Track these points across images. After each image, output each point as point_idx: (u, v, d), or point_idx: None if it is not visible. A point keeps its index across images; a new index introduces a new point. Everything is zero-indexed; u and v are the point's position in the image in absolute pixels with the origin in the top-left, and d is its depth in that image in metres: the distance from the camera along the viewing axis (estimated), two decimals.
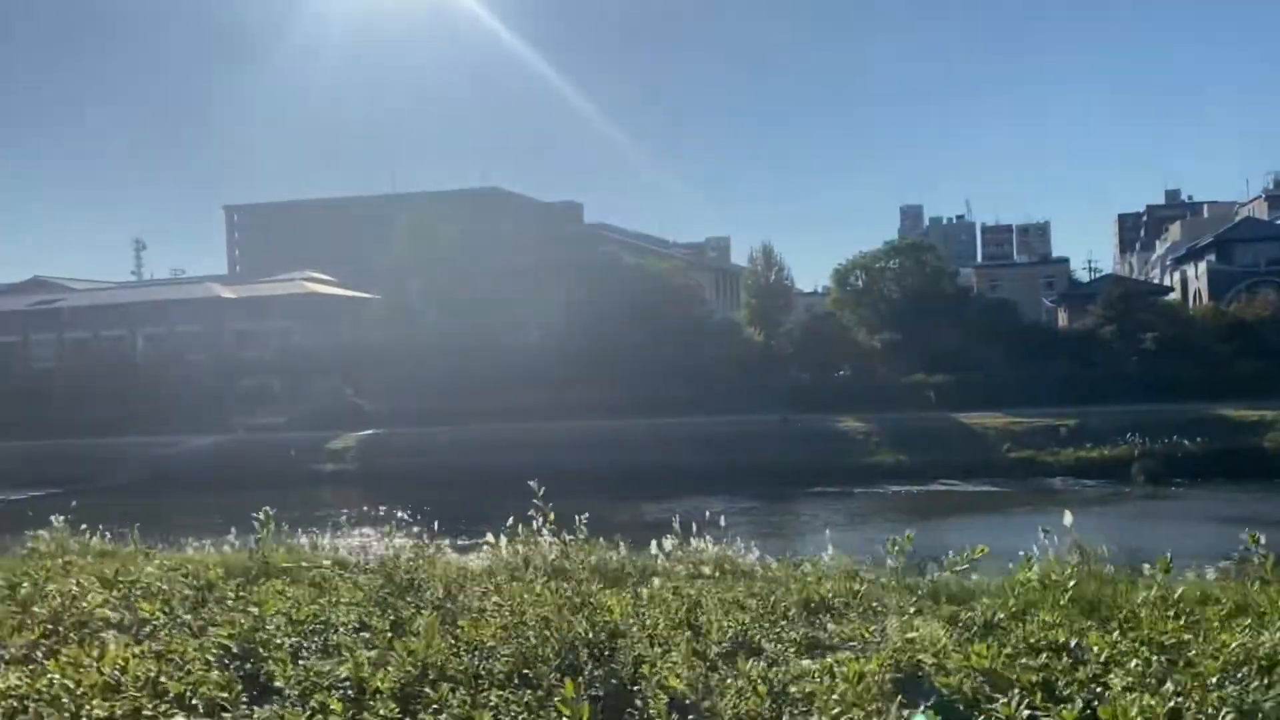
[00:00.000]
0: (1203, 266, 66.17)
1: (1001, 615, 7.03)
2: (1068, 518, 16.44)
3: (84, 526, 22.50)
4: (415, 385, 60.45)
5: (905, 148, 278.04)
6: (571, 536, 18.56)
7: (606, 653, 5.80)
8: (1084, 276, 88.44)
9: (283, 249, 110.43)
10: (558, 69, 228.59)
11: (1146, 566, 14.75)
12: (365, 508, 37.91)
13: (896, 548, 9.96)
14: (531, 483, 9.30)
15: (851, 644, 6.58)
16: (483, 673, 5.57)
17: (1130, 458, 39.58)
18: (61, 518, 21.81)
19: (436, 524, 22.46)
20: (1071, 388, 48.74)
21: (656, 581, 16.11)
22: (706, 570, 16.48)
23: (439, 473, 45.93)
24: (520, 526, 18.79)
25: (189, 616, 7.10)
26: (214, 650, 6.00)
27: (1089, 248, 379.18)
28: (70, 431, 59.75)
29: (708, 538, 18.22)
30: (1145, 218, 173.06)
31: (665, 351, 55.67)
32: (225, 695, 5.20)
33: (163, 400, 62.78)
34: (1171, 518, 31.07)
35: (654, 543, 18.59)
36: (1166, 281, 77.58)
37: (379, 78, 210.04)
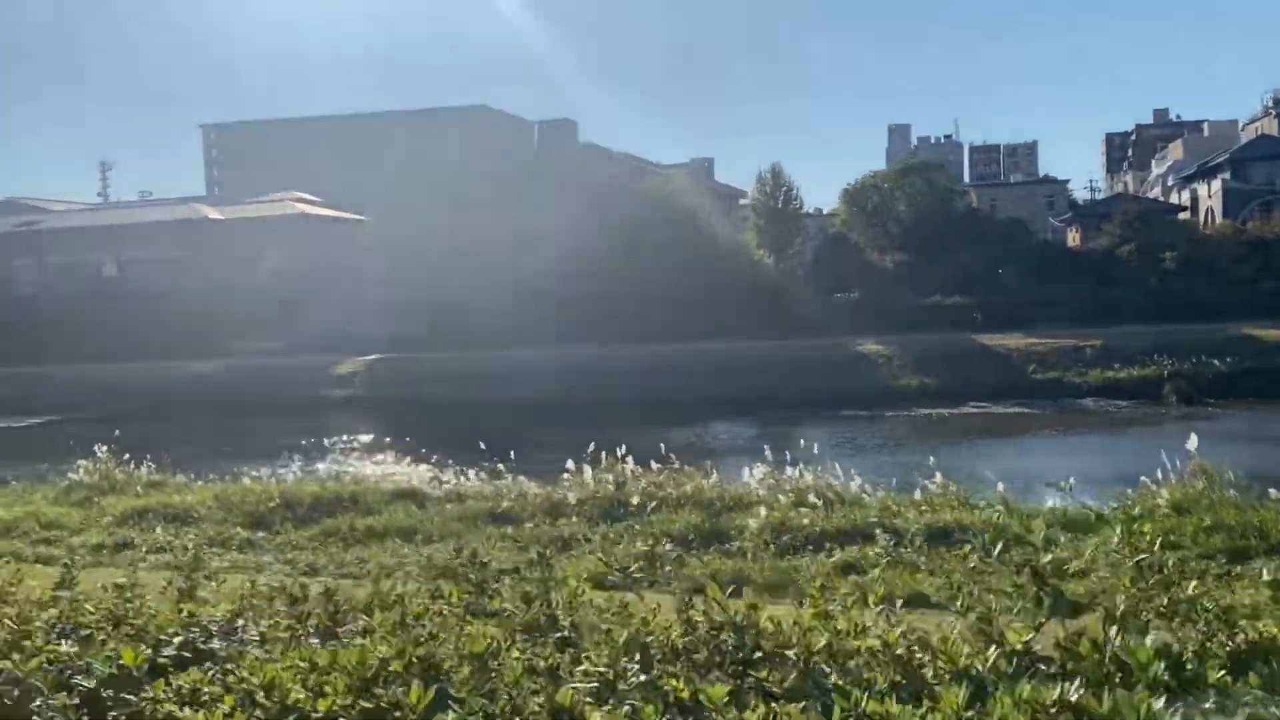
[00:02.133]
0: (1216, 185, 65.21)
1: None
2: (1193, 441, 15.53)
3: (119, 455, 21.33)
4: (412, 309, 59.01)
5: (890, 67, 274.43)
6: (663, 466, 17.60)
7: None
8: (1082, 196, 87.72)
9: (261, 169, 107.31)
10: None
11: (1273, 490, 13.93)
12: (385, 435, 36.91)
13: (1067, 486, 9.24)
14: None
15: None
16: None
17: (1160, 378, 39.01)
18: (104, 447, 20.69)
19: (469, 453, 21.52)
20: (1091, 308, 48.11)
21: (763, 511, 15.22)
22: (812, 499, 15.61)
23: (448, 399, 44.94)
24: (604, 456, 17.84)
25: None
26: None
27: (1075, 167, 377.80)
28: (59, 358, 58.11)
29: (801, 465, 17.34)
30: (1134, 137, 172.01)
31: (673, 275, 54.41)
32: None
33: (153, 325, 61.11)
34: (1221, 438, 30.54)
35: (745, 470, 17.69)
36: (1173, 200, 76.65)
37: None
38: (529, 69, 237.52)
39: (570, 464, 17.94)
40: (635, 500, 15.82)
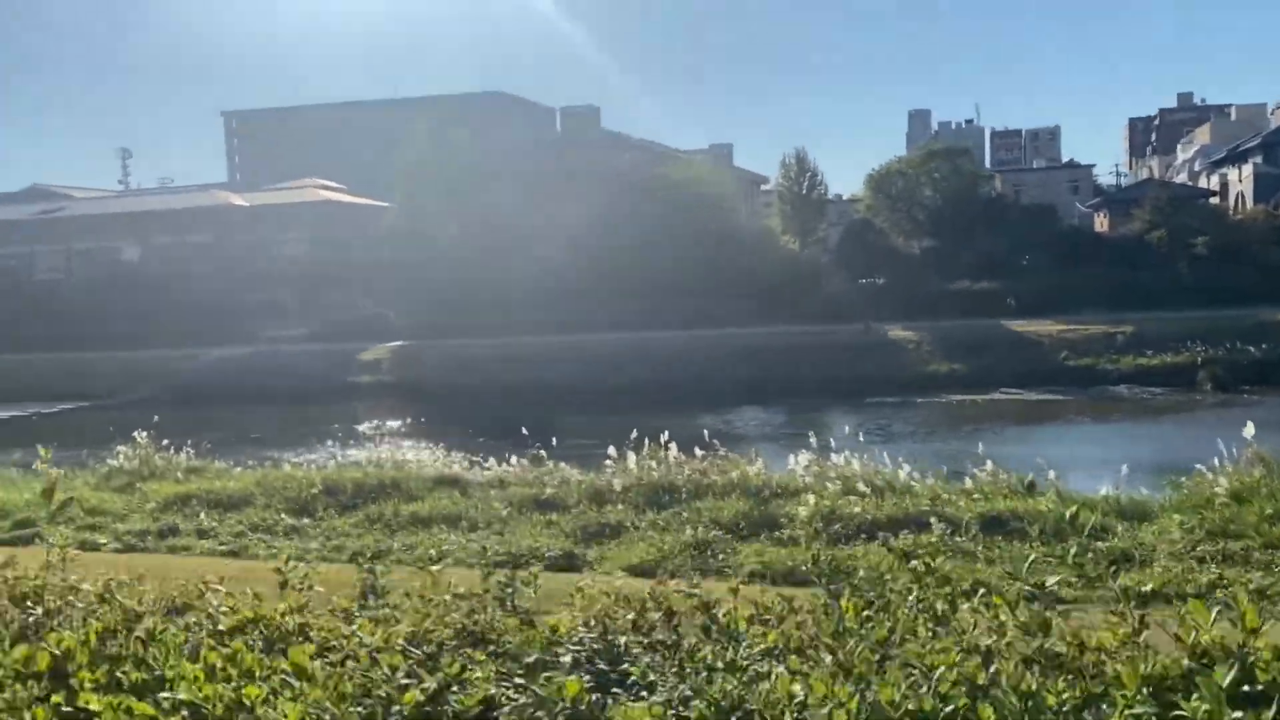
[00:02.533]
0: (1248, 169, 64.34)
1: None
2: (1250, 429, 15.26)
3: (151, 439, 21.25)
4: (435, 296, 58.99)
5: (910, 52, 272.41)
6: (706, 453, 17.41)
7: None
8: (1106, 182, 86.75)
9: (283, 156, 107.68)
10: None
11: None
12: (414, 421, 36.90)
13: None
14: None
15: None
16: None
17: (1194, 365, 38.56)
18: (144, 432, 20.67)
19: (490, 438, 21.37)
20: (1121, 294, 47.61)
21: (811, 499, 15.03)
22: (861, 487, 15.42)
23: (477, 385, 44.86)
24: (647, 442, 17.68)
25: None
26: None
27: (1097, 152, 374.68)
28: (84, 344, 58.44)
29: (847, 452, 17.14)
30: (1158, 121, 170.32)
31: (698, 262, 54.15)
32: None
33: (176, 312, 61.32)
34: (1261, 426, 30.18)
35: (791, 458, 17.50)
36: (1202, 185, 75.74)
37: None
38: (548, 56, 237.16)
39: (611, 450, 17.84)
40: (681, 487, 15.69)
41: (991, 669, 3.53)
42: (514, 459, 18.01)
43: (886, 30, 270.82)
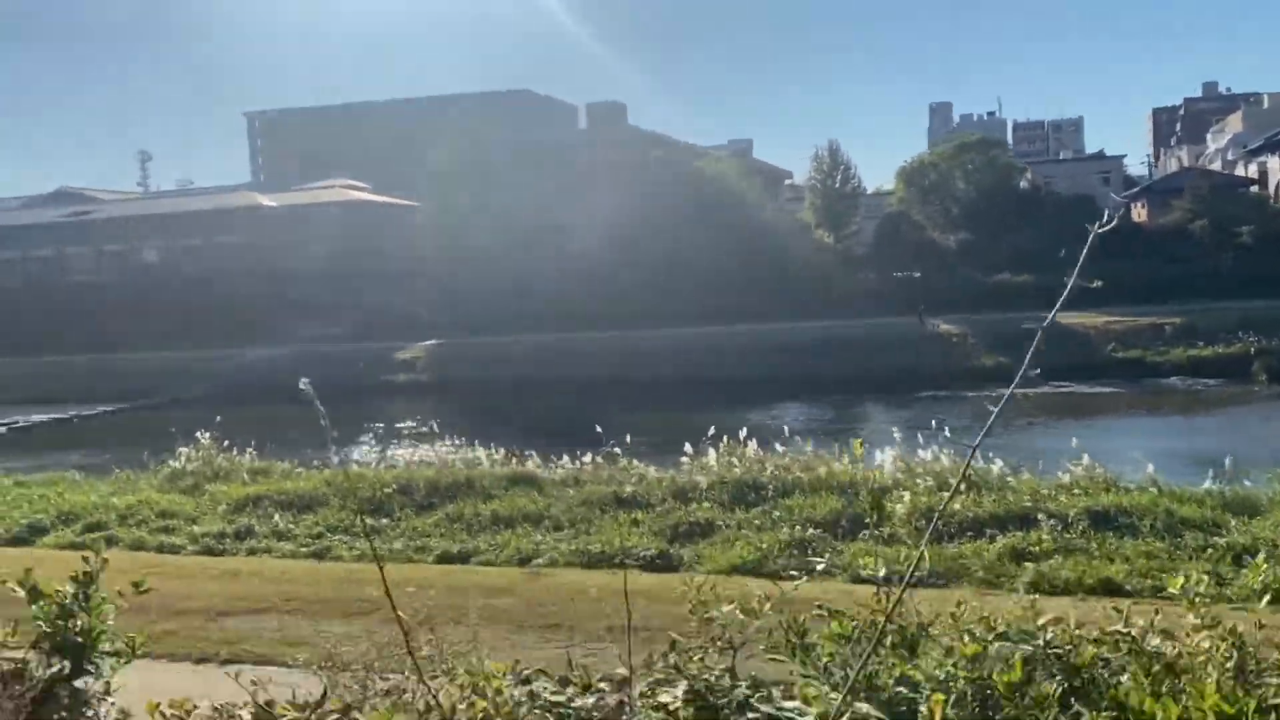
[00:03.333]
0: None
1: None
2: None
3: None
4: (469, 294, 58.81)
5: (929, 45, 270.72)
6: (787, 449, 17.02)
7: None
8: (1136, 173, 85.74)
9: (307, 156, 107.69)
10: None
11: None
12: (454, 419, 36.63)
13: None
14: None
15: None
16: None
17: (1247, 356, 37.92)
18: (207, 433, 20.44)
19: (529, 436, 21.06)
20: (1164, 285, 46.89)
21: (907, 496, 14.63)
22: (953, 483, 15.00)
23: (515, 382, 44.64)
24: (725, 440, 17.31)
25: None
26: None
27: (1120, 143, 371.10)
28: (118, 346, 58.44)
29: (935, 447, 16.72)
30: (1183, 111, 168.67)
31: (731, 257, 53.75)
32: None
33: (209, 312, 61.30)
34: None
35: (877, 454, 17.11)
36: (1238, 174, 74.76)
37: None
38: (559, 52, 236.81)
39: (688, 447, 17.51)
40: (767, 484, 15.36)
41: None
42: (588, 456, 17.72)
43: (906, 23, 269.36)
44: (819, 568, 9.87)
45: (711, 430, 17.08)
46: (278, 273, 66.93)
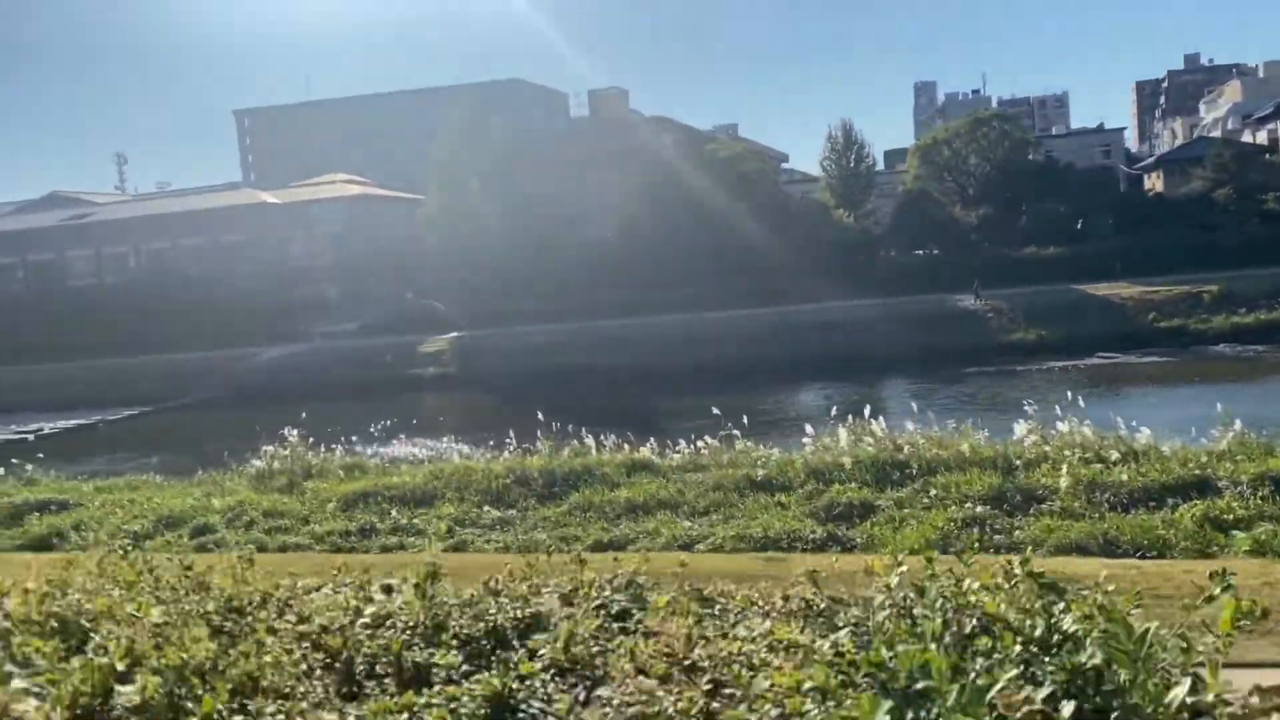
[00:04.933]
0: None
1: None
2: None
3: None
4: (481, 285, 58.10)
5: (908, 24, 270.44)
6: (920, 425, 16.53)
7: None
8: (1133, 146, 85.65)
9: (297, 153, 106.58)
10: None
11: None
12: (503, 408, 36.01)
13: None
14: None
15: None
16: None
17: None
18: (295, 431, 19.78)
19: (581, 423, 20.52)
20: (1195, 255, 46.63)
21: (1064, 470, 14.13)
22: (1114, 455, 14.53)
23: (545, 372, 43.94)
24: (851, 418, 16.79)
25: None
26: None
27: (1103, 116, 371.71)
28: (124, 350, 57.41)
29: (1072, 418, 16.24)
30: (1166, 83, 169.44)
31: (750, 239, 53.20)
32: None
33: (217, 313, 60.32)
34: None
35: (1014, 426, 16.63)
36: (1245, 142, 74.68)
37: None
38: (540, 42, 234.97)
39: (809, 428, 16.97)
40: (910, 462, 14.84)
41: None
42: (705, 439, 17.16)
43: (883, 5, 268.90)
44: None
45: (833, 411, 16.56)
46: (284, 270, 66.03)
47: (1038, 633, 2.47)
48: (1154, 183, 62.89)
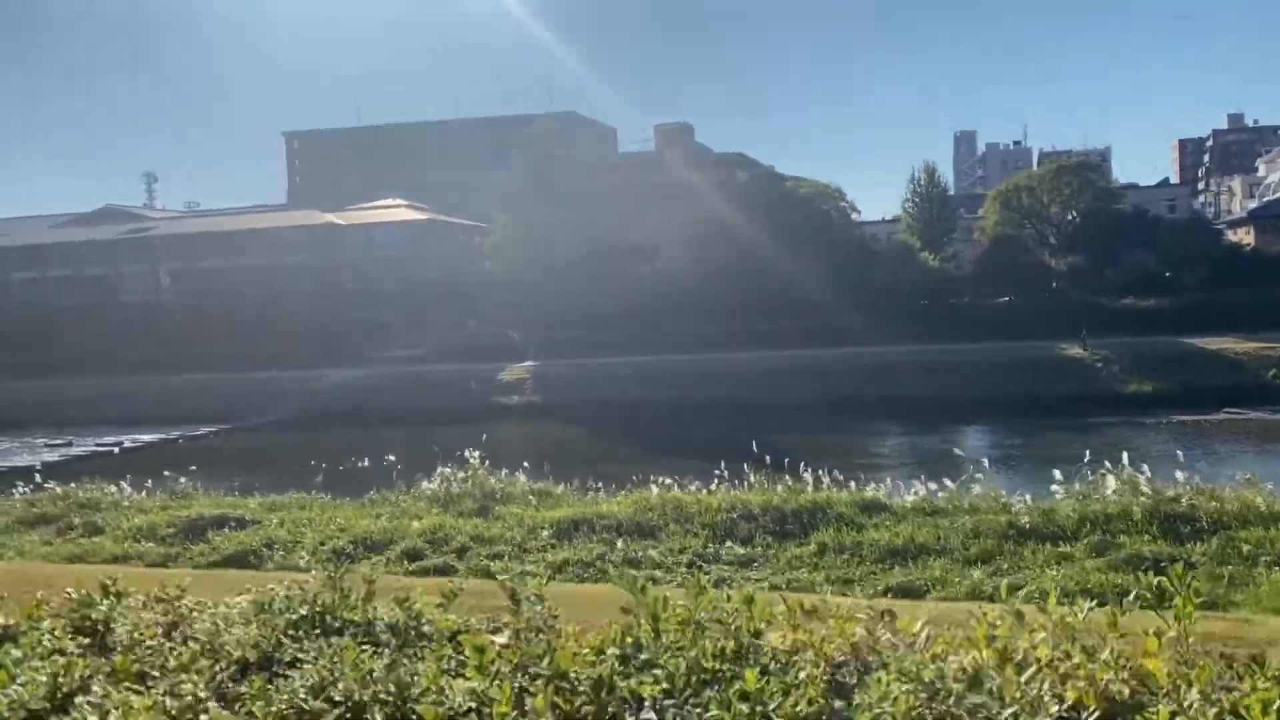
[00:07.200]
0: None
1: None
2: None
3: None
4: (553, 315, 57.21)
5: (953, 73, 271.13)
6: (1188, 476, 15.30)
7: None
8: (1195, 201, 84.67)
9: (344, 177, 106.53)
10: None
11: None
12: (598, 440, 34.92)
13: None
14: None
15: None
16: None
17: None
18: (476, 453, 18.65)
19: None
20: None
21: None
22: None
23: (634, 404, 42.84)
24: (1123, 465, 15.53)
25: None
26: None
27: (1142, 172, 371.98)
28: (188, 366, 56.46)
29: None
30: (1210, 142, 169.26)
31: (828, 278, 52.19)
32: None
33: (278, 333, 59.43)
34: None
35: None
36: None
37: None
38: (581, 77, 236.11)
39: (1057, 473, 15.80)
40: (1200, 516, 13.59)
41: None
42: (922, 480, 16.01)
43: (927, 52, 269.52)
44: None
45: (1087, 455, 15.34)
46: (343, 292, 65.25)
47: None
48: (1242, 237, 61.82)
